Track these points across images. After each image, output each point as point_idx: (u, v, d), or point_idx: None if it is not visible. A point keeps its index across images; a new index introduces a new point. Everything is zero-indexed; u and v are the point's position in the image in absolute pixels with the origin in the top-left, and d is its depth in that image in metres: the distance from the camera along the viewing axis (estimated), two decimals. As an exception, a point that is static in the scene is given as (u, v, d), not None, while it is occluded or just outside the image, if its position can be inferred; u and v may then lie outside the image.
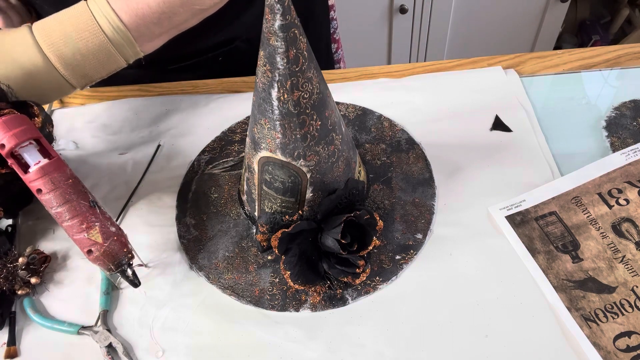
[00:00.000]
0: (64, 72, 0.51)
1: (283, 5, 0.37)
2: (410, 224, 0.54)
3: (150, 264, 0.55)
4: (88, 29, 0.50)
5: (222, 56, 0.75)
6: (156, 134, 0.68)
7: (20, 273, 0.52)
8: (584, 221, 0.52)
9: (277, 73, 0.40)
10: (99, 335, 0.50)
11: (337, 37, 0.95)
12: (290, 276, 0.48)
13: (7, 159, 0.47)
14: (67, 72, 0.52)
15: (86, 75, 0.53)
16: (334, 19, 0.92)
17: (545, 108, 0.64)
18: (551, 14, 1.53)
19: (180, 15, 0.53)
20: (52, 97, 0.55)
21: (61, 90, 0.54)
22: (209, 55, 0.75)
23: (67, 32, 0.50)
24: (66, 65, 0.51)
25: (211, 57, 0.75)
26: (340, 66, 1.00)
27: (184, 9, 0.52)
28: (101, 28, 0.50)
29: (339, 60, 0.99)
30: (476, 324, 0.47)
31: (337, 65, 0.99)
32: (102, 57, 0.52)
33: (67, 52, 0.50)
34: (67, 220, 0.46)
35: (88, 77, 0.53)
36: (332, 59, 0.96)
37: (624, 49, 0.69)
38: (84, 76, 0.53)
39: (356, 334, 0.48)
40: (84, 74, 0.53)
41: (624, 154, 0.56)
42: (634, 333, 0.45)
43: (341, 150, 0.49)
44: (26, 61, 0.50)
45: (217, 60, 0.76)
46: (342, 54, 1.00)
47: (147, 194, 0.61)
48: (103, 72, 0.54)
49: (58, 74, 0.51)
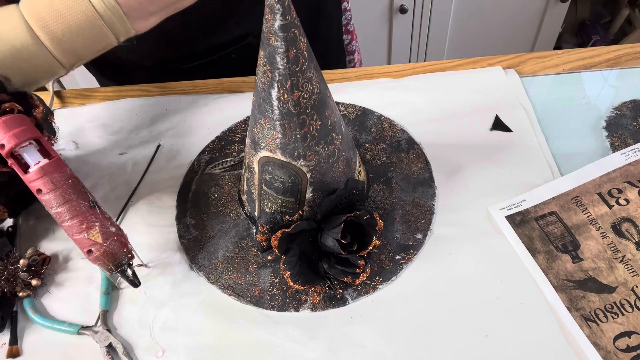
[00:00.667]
0: (54, 50, 0.50)
1: (283, 5, 0.37)
2: (410, 224, 0.54)
3: (150, 264, 0.55)
4: (77, 4, 0.49)
5: (235, 53, 0.75)
6: (156, 134, 0.68)
7: (21, 275, 0.52)
8: (584, 221, 0.52)
9: (277, 73, 0.40)
10: (99, 335, 0.50)
11: (352, 29, 0.94)
12: (290, 276, 0.48)
13: (7, 159, 0.47)
14: (57, 50, 0.50)
15: (76, 54, 0.52)
16: (347, 10, 0.91)
17: (545, 108, 0.64)
18: (551, 14, 1.53)
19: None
20: (42, 78, 0.54)
21: (51, 70, 0.52)
22: (222, 53, 0.75)
23: (56, 8, 0.49)
24: (55, 43, 0.50)
25: (224, 54, 0.75)
26: (355, 57, 0.98)
27: None
28: (91, 3, 0.49)
29: (353, 51, 0.96)
30: (476, 324, 0.47)
31: (350, 57, 0.97)
32: (92, 33, 0.50)
33: (57, 28, 0.49)
34: (67, 221, 0.46)
35: (78, 55, 0.52)
36: (345, 50, 0.95)
37: (624, 49, 0.69)
38: (73, 54, 0.52)
39: (356, 334, 0.48)
40: (74, 52, 0.51)
41: (624, 154, 0.56)
42: (634, 333, 0.45)
43: (341, 150, 0.49)
44: (14, 39, 0.49)
45: (231, 58, 0.76)
46: (358, 45, 0.98)
47: (147, 194, 0.61)
48: (93, 50, 0.52)
49: (47, 51, 0.50)
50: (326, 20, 0.85)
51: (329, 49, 0.89)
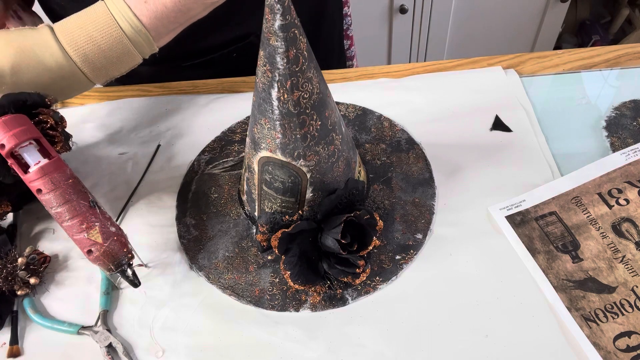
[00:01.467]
0: (87, 71, 0.54)
1: (283, 5, 0.37)
2: (410, 224, 0.54)
3: (150, 264, 0.55)
4: (110, 31, 0.52)
5: (236, 52, 0.76)
6: (156, 134, 0.68)
7: (19, 273, 0.52)
8: (584, 221, 0.52)
9: (277, 73, 0.40)
10: (99, 335, 0.50)
11: (351, 34, 0.94)
12: (290, 276, 0.48)
13: (7, 159, 0.47)
14: (89, 71, 0.54)
15: (107, 73, 0.56)
16: (347, 15, 0.91)
17: (545, 108, 0.64)
18: (551, 14, 1.53)
19: (194, 9, 0.54)
20: (73, 94, 0.58)
21: (82, 88, 0.57)
22: (224, 52, 0.75)
23: (90, 34, 0.52)
24: (89, 65, 0.53)
25: (225, 53, 0.75)
26: (353, 63, 0.99)
27: (197, 4, 0.53)
28: (122, 30, 0.52)
29: (352, 57, 0.97)
30: (476, 324, 0.47)
31: (349, 62, 0.98)
32: (122, 56, 0.54)
33: (90, 52, 0.53)
34: (67, 220, 0.46)
35: (109, 75, 0.56)
36: (345, 55, 0.95)
37: (624, 49, 0.69)
38: (105, 74, 0.56)
39: (356, 334, 0.48)
40: (105, 72, 0.55)
41: (624, 154, 0.56)
42: (634, 333, 0.45)
43: (341, 150, 0.49)
44: (50, 61, 0.52)
45: (231, 57, 0.76)
46: (356, 51, 0.99)
47: (147, 194, 0.61)
48: (122, 69, 0.56)
49: (81, 73, 0.54)
50: (328, 25, 0.85)
51: (330, 54, 0.89)
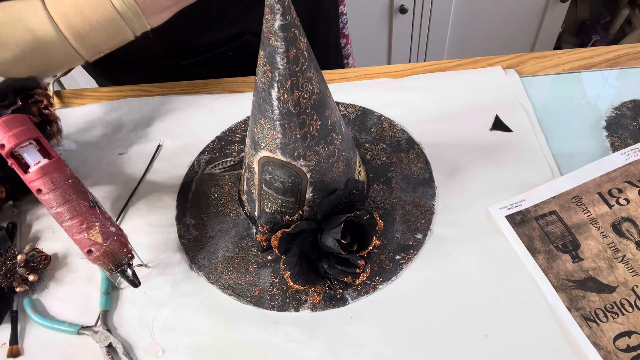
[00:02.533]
0: (74, 43, 0.53)
1: (283, 5, 0.37)
2: (410, 224, 0.54)
3: (150, 264, 0.55)
4: (98, 2, 0.52)
5: (232, 50, 0.76)
6: (156, 134, 0.68)
7: (19, 270, 0.52)
8: (584, 221, 0.52)
9: (277, 73, 0.40)
10: (99, 335, 0.50)
11: (347, 33, 0.94)
12: (290, 276, 0.48)
13: (7, 159, 0.47)
14: (77, 43, 0.54)
15: (95, 47, 0.55)
16: (343, 13, 0.91)
17: (545, 108, 0.64)
18: (551, 14, 1.53)
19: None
20: (62, 67, 0.57)
21: (71, 61, 0.56)
22: (219, 50, 0.75)
23: (78, 4, 0.52)
24: (76, 36, 0.53)
25: (221, 52, 0.75)
26: (349, 62, 0.99)
27: None
28: (111, 1, 0.52)
29: (347, 55, 0.97)
30: (476, 324, 0.47)
31: (346, 61, 0.98)
32: (111, 30, 0.54)
33: (78, 23, 0.52)
34: (67, 220, 0.46)
35: (97, 48, 0.55)
36: (342, 54, 0.95)
37: (624, 49, 0.69)
38: (93, 48, 0.55)
39: (356, 334, 0.48)
40: (94, 46, 0.55)
41: (624, 154, 0.56)
42: (634, 333, 0.45)
43: (341, 150, 0.49)
44: (37, 29, 0.52)
45: (228, 55, 0.76)
46: (352, 49, 0.99)
47: (147, 194, 0.61)
48: (111, 44, 0.56)
49: (68, 44, 0.53)
50: (324, 23, 0.85)
51: (327, 52, 0.89)
